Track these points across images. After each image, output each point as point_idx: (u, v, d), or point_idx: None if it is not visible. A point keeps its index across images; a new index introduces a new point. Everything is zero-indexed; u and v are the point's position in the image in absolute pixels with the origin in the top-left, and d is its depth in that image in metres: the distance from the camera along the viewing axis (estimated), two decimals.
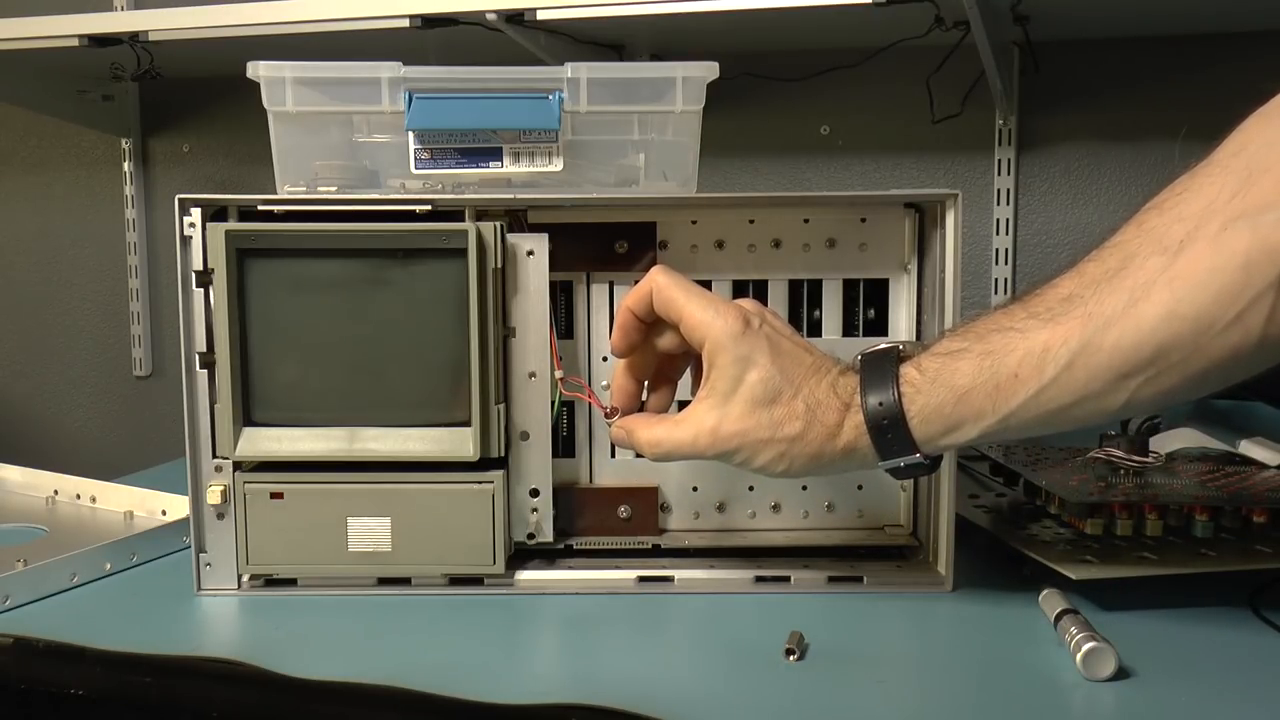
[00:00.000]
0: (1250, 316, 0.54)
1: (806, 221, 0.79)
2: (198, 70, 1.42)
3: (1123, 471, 0.82)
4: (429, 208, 0.73)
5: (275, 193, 0.78)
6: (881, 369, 0.64)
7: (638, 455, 0.71)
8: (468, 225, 0.72)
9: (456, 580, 0.76)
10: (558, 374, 0.76)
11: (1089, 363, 0.58)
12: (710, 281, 0.79)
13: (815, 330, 0.79)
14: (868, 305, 0.79)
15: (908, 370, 0.63)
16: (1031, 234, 1.25)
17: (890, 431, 0.63)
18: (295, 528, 0.75)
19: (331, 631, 0.70)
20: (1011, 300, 0.63)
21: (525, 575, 0.77)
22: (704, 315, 0.66)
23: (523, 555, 0.78)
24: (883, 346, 0.66)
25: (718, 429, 0.65)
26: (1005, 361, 0.60)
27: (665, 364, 0.72)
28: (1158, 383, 0.57)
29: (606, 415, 0.73)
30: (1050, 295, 0.60)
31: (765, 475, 0.66)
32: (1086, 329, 0.58)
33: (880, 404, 0.63)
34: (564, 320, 0.79)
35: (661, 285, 0.67)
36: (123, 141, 1.53)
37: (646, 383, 0.73)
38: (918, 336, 0.78)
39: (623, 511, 0.79)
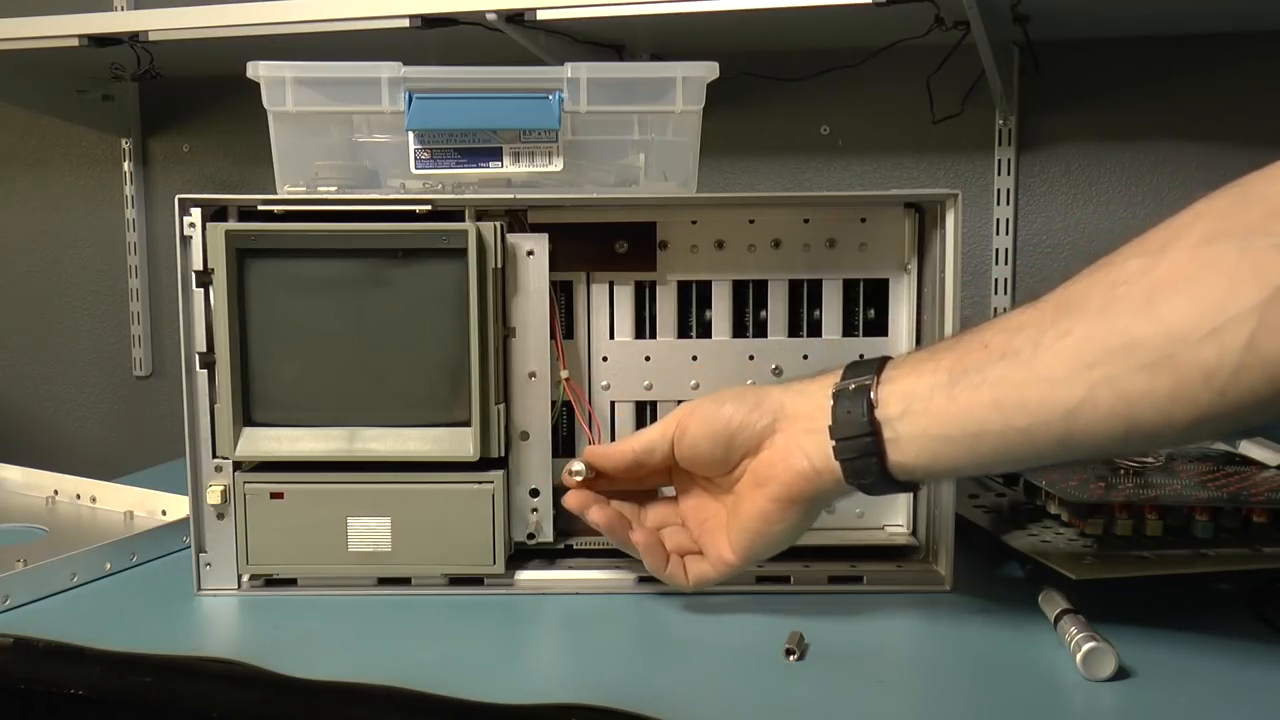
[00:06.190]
0: (1228, 335, 0.52)
1: (806, 221, 0.79)
2: (198, 70, 1.42)
3: (1122, 471, 0.82)
4: (429, 208, 0.73)
5: (275, 193, 0.78)
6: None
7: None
8: (468, 225, 0.72)
9: (456, 580, 0.76)
10: (563, 374, 0.76)
11: (1056, 345, 0.57)
12: (710, 281, 0.79)
13: (815, 330, 0.79)
14: (868, 305, 0.79)
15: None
16: (1031, 234, 1.25)
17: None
18: (295, 528, 0.75)
19: (331, 631, 0.70)
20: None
21: (525, 575, 0.77)
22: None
23: (523, 555, 0.78)
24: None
25: None
26: (978, 337, 0.61)
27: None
28: (1119, 384, 0.55)
29: (573, 474, 0.70)
30: (1027, 305, 0.61)
31: None
32: (1061, 312, 0.58)
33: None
34: (564, 320, 0.78)
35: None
36: (123, 141, 1.53)
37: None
38: (918, 336, 0.78)
39: None
